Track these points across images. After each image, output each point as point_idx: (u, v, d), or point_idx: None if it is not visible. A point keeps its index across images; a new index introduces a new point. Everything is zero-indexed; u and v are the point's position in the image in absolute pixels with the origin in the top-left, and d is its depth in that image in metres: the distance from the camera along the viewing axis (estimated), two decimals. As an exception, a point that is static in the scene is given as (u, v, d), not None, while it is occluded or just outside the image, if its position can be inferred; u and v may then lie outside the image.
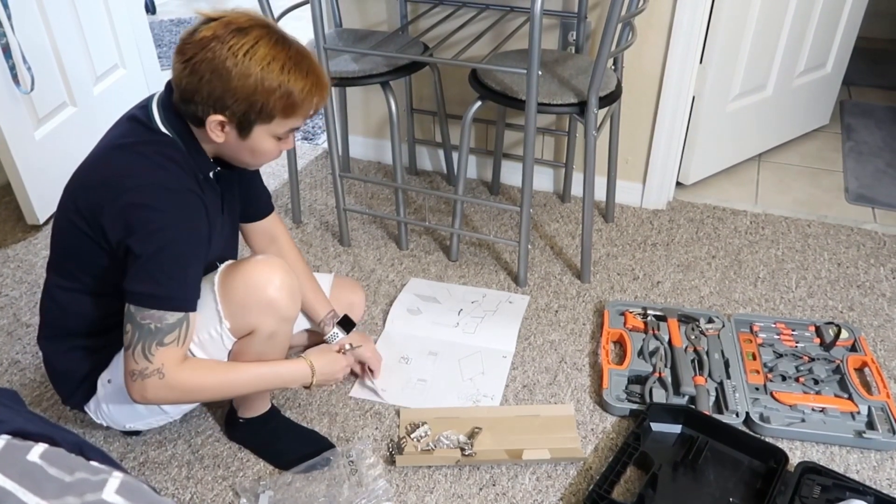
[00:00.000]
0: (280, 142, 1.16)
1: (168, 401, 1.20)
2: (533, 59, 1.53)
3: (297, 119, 1.13)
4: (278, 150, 1.18)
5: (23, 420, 0.67)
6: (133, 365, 1.12)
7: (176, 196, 1.10)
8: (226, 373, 1.22)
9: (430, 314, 1.79)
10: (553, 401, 1.55)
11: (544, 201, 2.28)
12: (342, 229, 2.05)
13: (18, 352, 1.68)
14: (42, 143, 2.08)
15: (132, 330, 1.11)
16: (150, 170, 1.10)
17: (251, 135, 1.12)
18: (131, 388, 1.14)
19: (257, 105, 1.08)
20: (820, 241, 2.06)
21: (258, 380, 1.25)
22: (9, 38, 1.86)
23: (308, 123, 2.82)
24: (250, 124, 1.11)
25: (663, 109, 2.05)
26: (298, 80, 1.08)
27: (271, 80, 1.06)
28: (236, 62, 1.04)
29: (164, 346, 1.12)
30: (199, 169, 1.17)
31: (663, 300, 1.84)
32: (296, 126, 1.15)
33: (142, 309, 1.10)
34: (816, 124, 2.66)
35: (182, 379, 1.15)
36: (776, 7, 2.12)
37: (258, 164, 1.22)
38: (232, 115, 1.09)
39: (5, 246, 2.07)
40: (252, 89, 1.06)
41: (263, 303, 1.20)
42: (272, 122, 1.11)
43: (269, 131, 1.13)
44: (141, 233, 1.08)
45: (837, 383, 1.54)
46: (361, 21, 2.25)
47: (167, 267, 1.10)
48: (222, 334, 1.21)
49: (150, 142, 1.12)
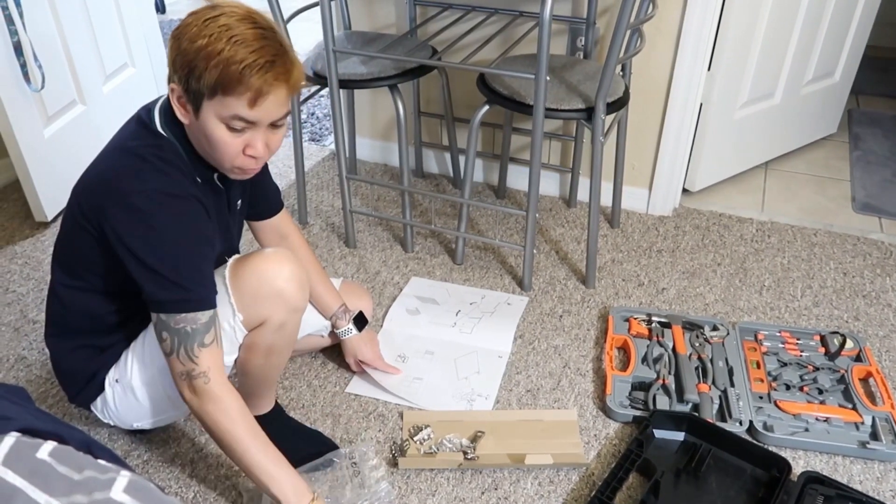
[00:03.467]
0: (234, 135, 1.07)
1: (209, 414, 1.13)
2: (541, 64, 1.53)
3: (238, 101, 1.03)
4: (237, 149, 1.09)
5: (31, 417, 0.68)
6: (180, 367, 1.12)
7: (178, 201, 1.11)
8: (253, 430, 1.15)
9: (428, 314, 1.80)
10: (556, 406, 1.55)
11: (550, 206, 2.28)
12: (348, 231, 2.05)
13: (25, 348, 1.69)
14: (51, 140, 2.09)
15: (170, 336, 1.11)
16: (151, 174, 1.10)
17: (201, 113, 1.07)
18: (183, 388, 1.14)
19: (196, 71, 1.02)
20: (826, 250, 2.05)
21: (267, 464, 1.15)
22: (20, 35, 1.87)
23: (315, 124, 2.83)
24: (197, 97, 1.05)
25: (671, 116, 2.05)
26: (243, 53, 1.01)
27: (216, 46, 1.01)
28: (196, 28, 1.02)
29: (206, 347, 1.12)
30: (198, 172, 1.17)
31: (668, 307, 1.84)
32: (239, 114, 1.05)
33: (173, 315, 1.10)
34: (824, 133, 2.65)
35: (223, 395, 1.13)
36: (785, 15, 2.12)
37: (222, 162, 1.12)
38: (179, 81, 1.06)
39: (13, 243, 2.08)
40: (195, 52, 1.02)
41: (274, 293, 1.21)
42: (214, 99, 1.04)
43: (215, 111, 1.05)
44: (149, 242, 1.08)
45: (842, 393, 1.54)
46: (370, 24, 2.26)
47: (186, 271, 1.11)
48: (235, 327, 1.22)
49: (150, 145, 1.12)
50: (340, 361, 1.63)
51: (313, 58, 1.96)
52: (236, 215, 1.35)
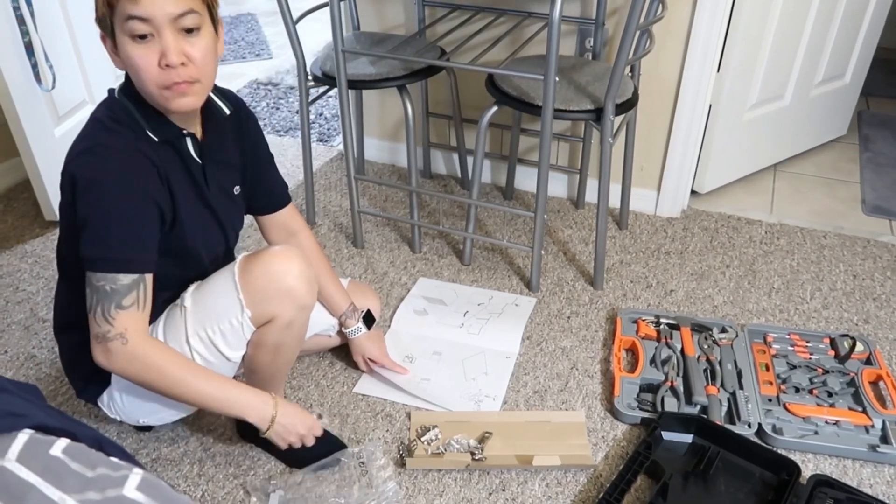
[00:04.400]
0: (144, 47, 1.04)
1: (128, 372, 1.15)
2: (550, 65, 1.53)
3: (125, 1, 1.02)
4: (153, 63, 1.05)
5: (44, 415, 0.68)
6: (96, 328, 1.12)
7: (118, 157, 1.10)
8: (188, 366, 1.17)
9: (436, 315, 1.80)
10: (564, 407, 1.54)
11: (558, 207, 2.28)
12: (356, 231, 2.05)
13: (35, 346, 1.70)
14: (61, 139, 2.10)
15: (90, 293, 1.11)
16: (96, 131, 1.12)
17: (117, 42, 1.06)
18: (94, 350, 1.13)
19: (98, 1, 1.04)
20: (836, 253, 2.04)
21: (218, 389, 1.19)
22: (31, 35, 1.88)
23: (323, 124, 2.84)
24: (108, 24, 1.06)
25: (679, 117, 2.04)
26: None
27: None
28: None
29: (123, 310, 1.11)
30: (155, 132, 1.15)
31: (676, 309, 1.83)
32: (129, 13, 1.02)
33: (95, 273, 1.11)
34: (834, 135, 2.64)
35: (145, 350, 1.13)
36: (795, 17, 2.12)
37: (148, 85, 1.07)
38: (101, 24, 1.07)
39: (23, 241, 2.10)
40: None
41: (282, 291, 1.21)
42: (115, 16, 1.04)
43: (120, 28, 1.04)
44: (85, 195, 1.09)
45: (851, 396, 1.53)
46: (379, 24, 2.26)
47: (115, 229, 1.10)
48: (243, 323, 1.22)
49: (105, 108, 1.14)
50: (348, 361, 1.63)
51: (322, 58, 1.96)
52: (229, 201, 1.32)
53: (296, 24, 1.89)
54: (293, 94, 3.18)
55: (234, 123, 1.31)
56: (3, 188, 2.36)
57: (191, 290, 1.27)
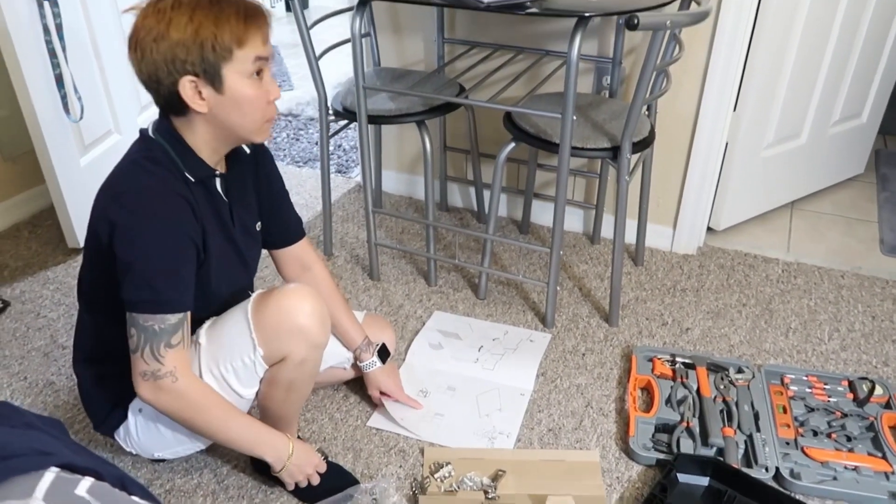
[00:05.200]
0: (258, 83, 1.13)
1: (172, 408, 1.18)
2: (568, 104, 1.55)
3: (255, 43, 1.10)
4: (264, 97, 1.14)
5: (70, 453, 0.69)
6: (144, 366, 1.14)
7: (159, 199, 1.13)
8: (225, 406, 1.22)
9: (451, 349, 1.80)
10: (578, 446, 1.53)
11: (574, 242, 2.28)
12: (372, 264, 2.07)
13: (54, 373, 1.72)
14: (87, 169, 2.15)
15: (137, 333, 1.14)
16: (135, 174, 1.14)
17: (224, 83, 1.10)
18: (142, 387, 1.16)
19: (208, 43, 1.07)
20: (854, 293, 2.03)
21: (247, 430, 1.24)
22: (62, 68, 1.94)
23: (342, 156, 2.88)
24: (216, 69, 1.09)
25: (696, 155, 2.05)
26: (230, 4, 1.09)
27: (205, 15, 1.07)
28: (168, 19, 1.06)
29: (172, 348, 1.15)
30: (190, 171, 1.18)
31: (692, 347, 1.82)
32: (259, 54, 1.11)
33: (143, 314, 1.13)
34: (851, 173, 2.64)
35: (193, 389, 1.17)
36: (812, 56, 2.13)
37: (254, 121, 1.16)
38: (194, 68, 1.08)
39: (46, 268, 2.13)
40: (195, 31, 1.06)
41: (295, 329, 1.22)
42: (233, 59, 1.09)
43: (237, 70, 1.10)
44: (126, 239, 1.11)
45: (871, 441, 1.51)
46: (399, 60, 2.31)
47: (159, 271, 1.13)
48: (255, 361, 1.23)
49: (142, 149, 1.17)
50: (363, 395, 1.64)
51: (343, 93, 2.00)
52: (250, 238, 1.35)
53: (318, 59, 1.93)
54: (313, 125, 3.23)
55: (253, 160, 1.35)
56: (28, 215, 2.40)
57: (206, 327, 1.28)
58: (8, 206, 2.34)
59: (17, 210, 2.37)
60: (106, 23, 2.16)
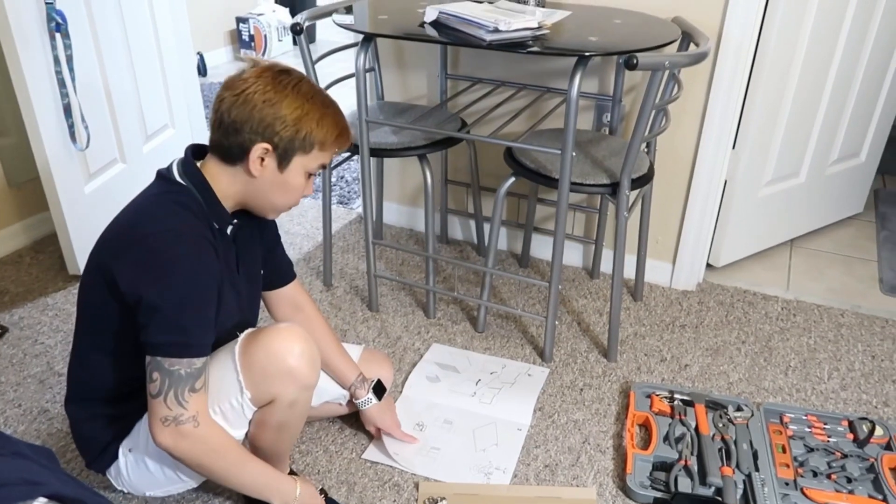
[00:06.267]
0: (307, 181, 1.24)
1: (190, 454, 1.16)
2: (568, 139, 1.57)
3: (329, 153, 1.22)
4: (302, 191, 1.25)
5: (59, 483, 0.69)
6: (166, 411, 1.12)
7: (189, 242, 1.13)
8: (241, 449, 1.23)
9: (448, 382, 1.79)
10: (575, 483, 1.52)
11: (573, 276, 2.29)
12: (371, 295, 2.07)
13: (48, 401, 1.71)
14: (91, 196, 2.16)
15: (161, 377, 1.12)
16: (163, 217, 1.14)
17: (289, 166, 1.19)
18: (162, 433, 1.13)
19: (302, 132, 1.16)
20: (854, 332, 2.02)
21: (260, 475, 1.24)
22: (70, 98, 1.97)
23: (344, 187, 2.90)
24: (291, 154, 1.18)
25: (695, 192, 2.07)
26: (337, 115, 1.21)
27: (316, 110, 1.17)
28: (286, 93, 1.15)
29: (195, 393, 1.14)
30: (215, 219, 1.20)
31: (691, 384, 1.81)
32: (326, 162, 1.23)
33: (169, 358, 1.12)
34: (850, 212, 2.65)
35: (213, 433, 1.17)
36: (810, 96, 2.16)
37: (284, 205, 1.25)
38: (278, 142, 1.16)
39: (45, 294, 2.14)
40: (299, 116, 1.15)
41: (284, 371, 1.20)
42: (310, 154, 1.19)
43: (304, 164, 1.20)
44: (157, 282, 1.10)
45: (871, 483, 1.49)
46: (403, 95, 2.34)
47: (189, 315, 1.12)
48: (243, 404, 1.21)
49: (169, 191, 1.18)
50: (358, 427, 1.63)
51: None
52: (252, 284, 1.36)
53: (322, 93, 1.95)
54: (316, 156, 3.25)
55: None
56: (31, 241, 2.42)
57: None
58: (11, 231, 2.36)
59: (20, 236, 2.39)
60: (115, 54, 2.21)
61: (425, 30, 1.69)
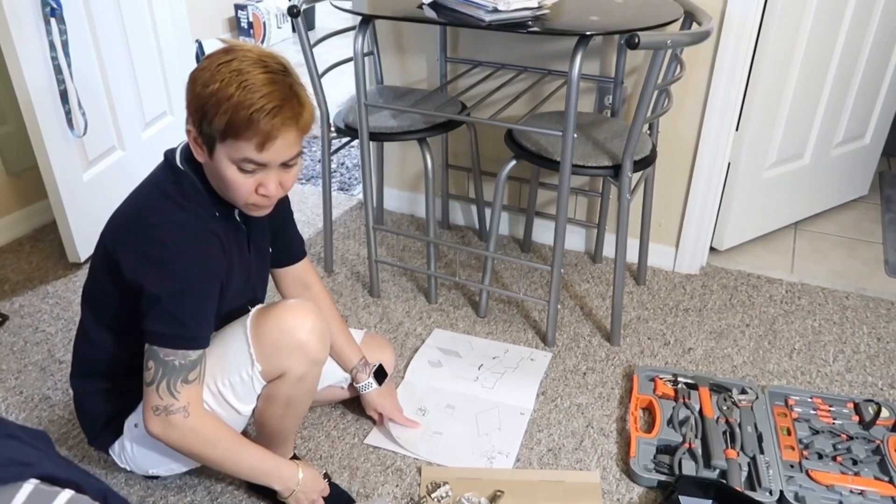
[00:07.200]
0: (245, 175, 1.09)
1: (182, 444, 1.16)
2: (569, 121, 1.55)
3: (247, 144, 1.05)
4: (250, 188, 1.11)
5: (51, 464, 0.68)
6: (157, 400, 1.13)
7: (192, 236, 1.13)
8: (235, 438, 1.21)
9: (450, 367, 1.78)
10: (578, 467, 1.51)
11: (575, 261, 2.27)
12: (373, 280, 2.06)
13: (49, 388, 1.71)
14: (89, 184, 2.15)
15: (155, 366, 1.13)
16: (168, 209, 1.13)
17: (214, 154, 1.09)
18: (152, 421, 1.14)
19: (208, 115, 1.04)
20: (859, 314, 2.01)
21: (257, 461, 1.23)
22: (67, 84, 1.95)
23: (345, 174, 2.88)
24: (210, 140, 1.08)
25: (698, 175, 2.05)
26: (252, 98, 1.03)
27: (226, 91, 1.03)
28: (209, 72, 1.04)
29: (188, 384, 1.14)
30: (216, 206, 1.19)
31: (695, 367, 1.80)
32: (249, 157, 1.07)
33: (165, 348, 1.12)
34: (855, 195, 2.63)
35: (204, 423, 1.17)
36: (814, 77, 2.13)
37: (235, 200, 1.14)
38: (194, 124, 1.08)
39: (46, 282, 2.13)
40: (208, 97, 1.04)
41: (294, 345, 1.21)
42: (225, 142, 1.06)
43: (227, 154, 1.07)
44: (159, 273, 1.10)
45: (877, 465, 1.48)
46: (402, 79, 2.32)
47: (188, 307, 1.12)
48: (253, 377, 1.22)
49: (171, 181, 1.16)
50: (360, 412, 1.62)
51: (345, 110, 2.01)
52: (262, 261, 1.36)
53: (321, 77, 1.94)
54: (315, 143, 3.24)
55: None
56: (30, 229, 2.41)
57: None
58: (11, 220, 2.35)
59: (19, 225, 2.38)
60: (112, 39, 2.18)
61: (424, 11, 1.67)
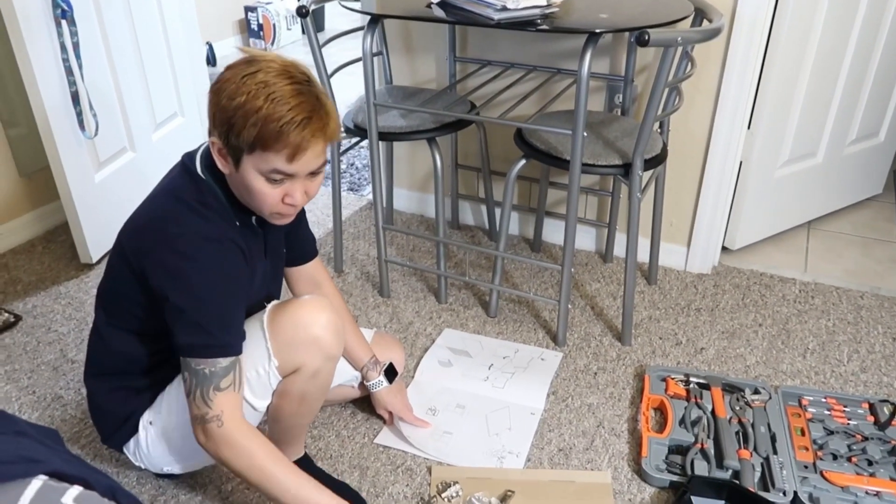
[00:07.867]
0: (273, 186, 1.09)
1: (221, 457, 1.14)
2: (578, 120, 1.54)
3: (277, 156, 1.05)
4: (276, 198, 1.11)
5: (60, 461, 0.68)
6: (195, 410, 1.14)
7: (215, 246, 1.13)
8: (273, 456, 1.14)
9: (460, 367, 1.78)
10: (589, 467, 1.50)
11: (586, 260, 2.26)
12: (383, 280, 2.06)
13: (62, 387, 1.72)
14: (101, 185, 2.16)
15: (189, 377, 1.13)
16: (190, 218, 1.13)
17: (241, 166, 1.08)
18: (196, 431, 1.15)
19: (236, 127, 1.04)
20: (873, 314, 1.98)
21: (295, 488, 1.14)
22: (78, 86, 1.96)
23: (355, 174, 2.88)
24: (237, 151, 1.07)
25: (709, 173, 2.03)
26: (281, 110, 1.02)
27: (254, 104, 1.02)
28: (234, 84, 1.04)
29: (221, 391, 1.13)
30: (237, 216, 1.19)
31: (707, 367, 1.78)
32: (278, 168, 1.06)
33: (195, 358, 1.13)
34: (869, 193, 2.60)
35: (237, 435, 1.13)
36: (827, 74, 2.11)
37: (259, 210, 1.15)
38: (219, 137, 1.07)
39: (58, 283, 2.14)
40: (234, 110, 1.03)
41: (309, 340, 1.21)
42: (253, 154, 1.06)
43: (254, 165, 1.07)
44: (182, 285, 1.11)
45: (893, 465, 1.46)
46: (411, 78, 2.32)
47: (214, 317, 1.13)
48: (270, 372, 1.22)
49: (191, 189, 1.16)
50: (370, 412, 1.62)
51: (354, 110, 2.01)
52: (277, 261, 1.37)
53: (330, 77, 1.94)
54: (326, 144, 3.24)
55: None
56: (43, 230, 2.42)
57: None
58: (23, 221, 2.36)
59: (32, 226, 2.39)
60: (122, 41, 2.20)
61: (432, 10, 1.66)
